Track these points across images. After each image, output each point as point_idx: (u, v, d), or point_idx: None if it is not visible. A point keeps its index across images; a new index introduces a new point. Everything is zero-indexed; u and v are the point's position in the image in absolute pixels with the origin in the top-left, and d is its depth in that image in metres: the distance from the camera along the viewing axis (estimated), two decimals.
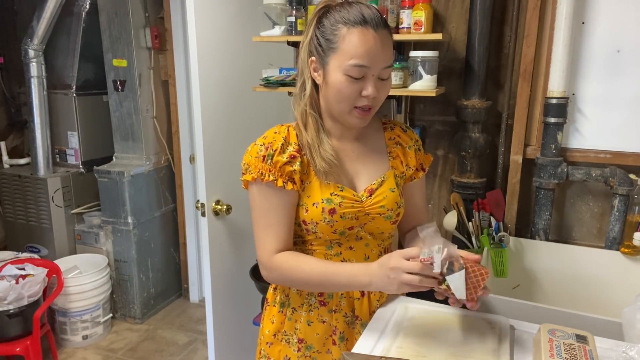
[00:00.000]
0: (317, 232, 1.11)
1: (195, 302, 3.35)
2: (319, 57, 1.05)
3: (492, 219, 1.84)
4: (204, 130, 1.85)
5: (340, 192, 1.09)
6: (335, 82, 1.03)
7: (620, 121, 1.76)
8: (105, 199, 2.95)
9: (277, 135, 1.10)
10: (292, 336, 1.19)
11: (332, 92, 1.05)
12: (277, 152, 1.07)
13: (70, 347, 2.79)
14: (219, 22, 1.89)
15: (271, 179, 1.05)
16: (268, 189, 1.07)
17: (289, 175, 1.07)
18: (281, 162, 1.06)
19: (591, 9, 1.73)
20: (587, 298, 1.71)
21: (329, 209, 1.07)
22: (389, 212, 1.13)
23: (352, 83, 1.02)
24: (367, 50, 1.00)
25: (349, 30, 1.00)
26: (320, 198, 1.08)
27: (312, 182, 1.10)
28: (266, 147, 1.07)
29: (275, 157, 1.06)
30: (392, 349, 0.99)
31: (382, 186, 1.13)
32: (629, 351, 0.91)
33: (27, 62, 2.85)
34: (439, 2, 1.95)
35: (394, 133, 1.21)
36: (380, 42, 1.01)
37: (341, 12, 1.02)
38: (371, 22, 1.00)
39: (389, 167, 1.17)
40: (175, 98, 3.05)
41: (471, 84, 1.87)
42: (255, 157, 1.08)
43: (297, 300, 1.18)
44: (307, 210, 1.09)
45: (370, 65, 1.01)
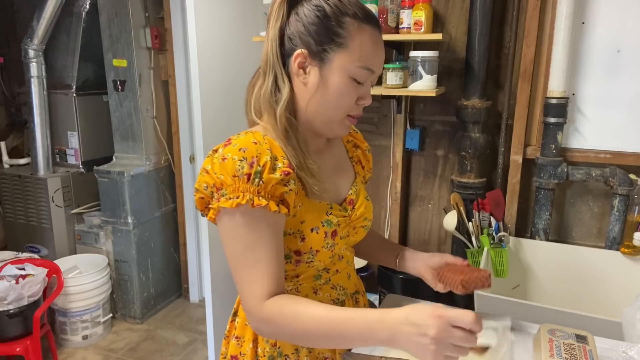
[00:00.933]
0: (314, 262, 0.92)
1: (195, 302, 3.35)
2: (313, 51, 0.85)
3: (492, 219, 1.84)
4: (204, 130, 1.85)
5: (331, 210, 0.93)
6: (338, 84, 0.85)
7: (620, 121, 1.76)
8: (105, 199, 2.95)
9: (259, 146, 0.84)
10: None
11: (330, 96, 0.86)
12: (267, 168, 0.82)
13: (70, 347, 2.79)
14: (219, 22, 1.89)
15: (263, 204, 0.81)
16: (257, 216, 0.82)
17: (280, 197, 0.84)
18: (274, 181, 0.82)
19: (591, 9, 1.73)
20: (587, 298, 1.71)
21: (331, 232, 0.91)
22: (368, 222, 1.02)
23: (355, 87, 0.86)
24: (377, 53, 0.87)
25: (359, 26, 0.84)
26: (319, 221, 0.90)
27: (304, 205, 0.89)
28: (250, 163, 0.81)
29: (265, 174, 0.82)
30: (392, 349, 0.99)
31: (359, 196, 1.01)
32: (629, 351, 0.91)
33: (27, 62, 2.85)
34: (439, 2, 1.95)
35: (350, 135, 1.09)
36: (382, 46, 0.90)
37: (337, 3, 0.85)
38: (376, 21, 0.88)
39: (355, 174, 1.05)
40: (175, 98, 3.04)
41: (471, 84, 1.87)
42: (234, 175, 0.81)
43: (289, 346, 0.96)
44: (303, 238, 0.89)
45: (375, 71, 0.88)
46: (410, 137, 2.10)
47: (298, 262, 0.91)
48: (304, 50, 0.85)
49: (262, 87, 0.89)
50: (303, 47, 0.85)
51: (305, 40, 0.85)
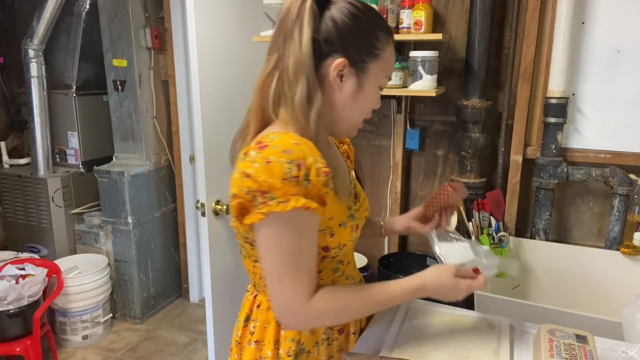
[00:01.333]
0: (339, 256, 0.95)
1: (195, 302, 3.35)
2: (354, 61, 0.87)
3: (492, 219, 1.84)
4: (204, 130, 1.85)
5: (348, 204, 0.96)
6: (371, 92, 0.91)
7: (620, 121, 1.76)
8: (105, 199, 2.95)
9: (301, 147, 0.81)
10: None
11: (361, 104, 0.91)
12: (312, 170, 0.80)
13: (70, 347, 2.79)
14: (219, 22, 1.89)
15: (314, 206, 0.80)
16: (305, 219, 0.82)
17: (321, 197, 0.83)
18: (321, 183, 0.81)
19: (591, 9, 1.73)
20: (587, 298, 1.71)
21: (355, 225, 0.95)
22: (368, 213, 1.07)
23: (378, 95, 0.94)
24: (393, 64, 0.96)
25: (387, 40, 0.90)
26: (345, 217, 0.93)
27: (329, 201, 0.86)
28: (297, 165, 0.78)
29: (313, 176, 0.80)
30: (392, 349, 0.99)
31: (356, 188, 1.04)
32: (629, 351, 0.91)
33: (27, 62, 2.85)
34: (439, 2, 1.95)
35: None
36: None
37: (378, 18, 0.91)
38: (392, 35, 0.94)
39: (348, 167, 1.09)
40: (175, 98, 3.04)
41: (471, 84, 1.87)
42: (283, 179, 0.78)
43: (310, 340, 0.99)
44: (332, 234, 0.91)
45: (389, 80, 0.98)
46: (410, 137, 2.10)
47: (324, 257, 0.93)
48: (345, 59, 0.86)
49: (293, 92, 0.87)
50: (344, 55, 0.86)
51: (346, 49, 0.86)
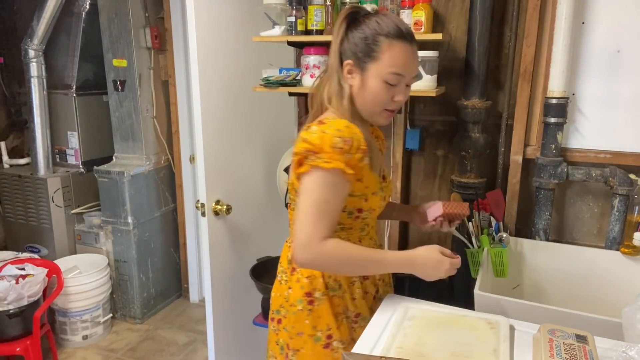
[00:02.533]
0: (367, 218, 1.24)
1: (195, 302, 3.35)
2: (357, 62, 1.16)
3: (492, 219, 1.84)
4: (204, 130, 1.85)
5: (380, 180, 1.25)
6: (373, 87, 1.15)
7: (620, 121, 1.76)
8: (105, 199, 2.95)
9: (351, 130, 1.13)
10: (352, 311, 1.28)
11: (368, 95, 1.17)
12: (354, 147, 1.12)
13: (70, 347, 2.79)
14: (219, 22, 1.89)
15: (349, 173, 1.11)
16: (339, 181, 1.11)
17: (358, 170, 1.14)
18: (357, 159, 1.13)
19: (591, 9, 1.73)
20: (587, 298, 1.70)
21: (383, 196, 1.24)
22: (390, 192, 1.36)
23: (388, 89, 1.15)
24: (405, 61, 1.14)
25: (390, 42, 1.13)
26: (377, 187, 1.21)
27: (366, 173, 1.18)
28: (345, 141, 1.10)
29: (354, 152, 1.12)
30: (392, 349, 0.99)
31: (384, 172, 1.32)
32: (629, 351, 0.91)
33: (27, 62, 2.85)
34: (439, 2, 1.95)
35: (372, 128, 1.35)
36: (413, 55, 1.17)
37: (379, 23, 1.14)
38: (408, 37, 1.15)
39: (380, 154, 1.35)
40: (175, 98, 3.04)
41: (471, 84, 1.87)
42: (332, 146, 1.09)
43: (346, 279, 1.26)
44: (366, 199, 1.19)
45: (405, 75, 1.15)
46: (410, 137, 2.10)
47: (357, 217, 1.22)
48: (351, 61, 1.17)
49: (331, 86, 1.20)
50: (351, 58, 1.17)
51: (352, 54, 1.16)
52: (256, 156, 2.17)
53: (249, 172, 2.14)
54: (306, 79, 1.83)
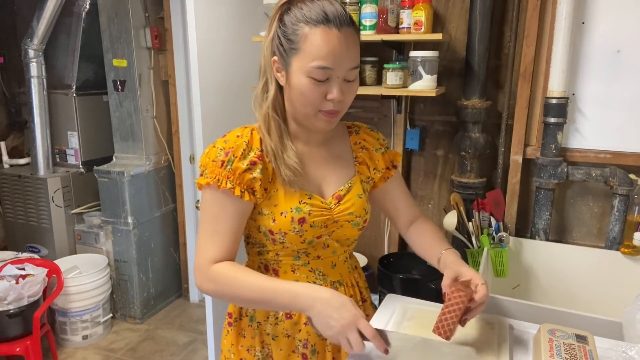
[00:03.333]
0: (285, 243, 1.04)
1: (195, 302, 3.35)
2: (281, 58, 0.98)
3: (492, 219, 1.84)
4: (204, 130, 1.85)
5: (308, 200, 1.03)
6: (298, 84, 0.96)
7: (620, 121, 1.76)
8: (105, 199, 2.95)
9: (240, 139, 1.01)
10: (259, 351, 1.14)
11: (295, 95, 0.98)
12: (238, 158, 0.99)
13: (70, 347, 2.79)
14: (219, 22, 1.89)
15: (228, 187, 0.98)
16: (223, 196, 0.99)
17: (248, 184, 1.00)
18: (241, 169, 0.99)
19: (591, 9, 1.73)
20: (587, 298, 1.71)
21: (298, 218, 1.01)
22: (357, 218, 1.08)
23: (315, 86, 0.95)
24: (331, 50, 0.93)
25: (310, 29, 0.93)
26: (289, 207, 1.02)
27: (279, 190, 1.03)
28: (226, 152, 0.99)
29: (235, 163, 0.98)
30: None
31: (349, 192, 1.08)
32: (629, 351, 0.91)
33: (27, 62, 2.85)
34: (439, 2, 1.95)
35: (360, 137, 1.17)
36: (345, 42, 0.95)
37: (302, 9, 0.95)
38: (334, 21, 0.94)
39: (355, 172, 1.13)
40: (175, 98, 3.04)
41: (471, 84, 1.87)
42: (213, 160, 0.99)
43: (262, 313, 1.12)
44: (274, 220, 1.02)
45: (334, 67, 0.94)
46: (410, 137, 2.10)
47: (274, 240, 1.05)
48: (276, 57, 0.99)
49: (257, 89, 1.05)
50: (276, 55, 0.99)
51: (276, 49, 0.99)
52: None
53: None
54: None
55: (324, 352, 1.12)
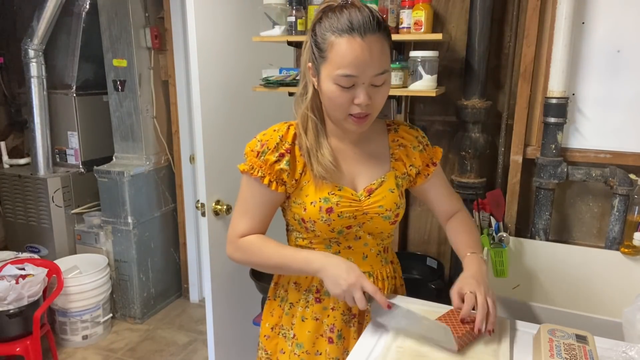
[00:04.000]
0: (316, 231, 1.13)
1: (195, 302, 3.35)
2: (314, 65, 1.06)
3: (492, 219, 1.84)
4: (204, 130, 1.85)
5: (338, 191, 1.11)
6: (326, 91, 1.04)
7: (620, 121, 1.76)
8: (105, 199, 2.95)
9: (275, 133, 1.13)
10: (288, 331, 1.23)
11: (325, 100, 1.07)
12: (270, 150, 1.10)
13: (70, 347, 2.79)
14: (219, 22, 1.89)
15: (259, 175, 1.10)
16: (254, 183, 1.12)
17: (278, 174, 1.10)
18: (271, 161, 1.10)
19: (591, 9, 1.73)
20: (587, 298, 1.70)
21: (326, 207, 1.09)
22: (387, 212, 1.14)
23: (342, 92, 1.02)
24: (354, 59, 0.98)
25: (336, 39, 1.00)
26: (318, 197, 1.10)
27: (310, 182, 1.12)
28: (262, 144, 1.11)
29: (267, 155, 1.10)
30: (392, 349, 0.99)
31: (381, 186, 1.14)
32: (629, 351, 0.91)
33: (27, 62, 2.85)
34: (439, 2, 1.95)
35: (398, 135, 1.22)
36: (369, 50, 0.98)
37: (331, 19, 1.01)
38: (358, 29, 0.98)
39: (390, 168, 1.18)
40: (175, 98, 3.05)
41: (471, 84, 1.87)
42: (252, 150, 1.12)
43: (294, 295, 1.21)
44: (305, 209, 1.11)
45: (358, 75, 0.99)
46: None
47: (306, 229, 1.14)
48: (310, 64, 1.08)
49: (298, 90, 1.15)
50: (310, 61, 1.08)
51: (311, 56, 1.07)
52: None
53: None
54: None
55: (349, 339, 1.19)
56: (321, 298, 1.19)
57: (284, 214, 1.21)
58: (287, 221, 1.22)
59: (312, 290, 1.19)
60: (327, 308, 1.19)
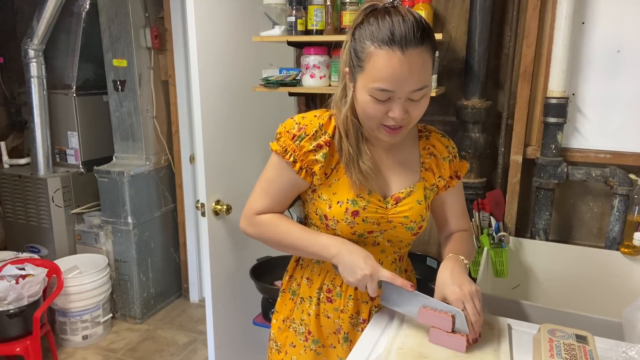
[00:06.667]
0: (337, 230, 1.10)
1: (195, 302, 3.35)
2: (351, 71, 1.02)
3: (492, 219, 1.84)
4: (204, 130, 1.85)
5: (367, 195, 1.08)
6: (361, 100, 1.00)
7: (620, 121, 1.76)
8: (105, 199, 2.95)
9: (316, 120, 1.09)
10: (299, 326, 1.22)
11: (359, 109, 1.03)
12: (308, 137, 1.06)
13: (70, 347, 2.79)
14: (219, 22, 1.89)
15: (291, 160, 1.07)
16: (284, 165, 1.09)
17: (310, 164, 1.07)
18: (307, 149, 1.06)
19: (591, 9, 1.73)
20: (587, 298, 1.71)
21: (352, 210, 1.07)
22: (412, 223, 1.11)
23: (377, 104, 0.98)
24: (391, 74, 0.94)
25: (375, 50, 0.94)
26: (346, 198, 1.07)
27: (341, 180, 1.09)
28: (300, 128, 1.07)
29: (304, 141, 1.06)
30: (393, 350, 0.99)
31: (409, 196, 1.11)
32: (629, 351, 0.91)
33: (27, 62, 2.85)
34: (439, 2, 1.95)
35: (429, 142, 1.17)
36: (408, 66, 0.93)
37: (373, 25, 0.95)
38: (400, 42, 0.92)
39: (420, 179, 1.15)
40: (175, 98, 3.04)
41: (471, 84, 1.87)
42: (287, 131, 1.08)
43: (305, 291, 1.21)
44: (330, 206, 1.09)
45: (394, 90, 0.95)
46: None
47: (327, 225, 1.11)
48: (347, 69, 1.04)
49: (337, 91, 1.10)
50: (348, 65, 1.03)
51: (348, 61, 1.02)
52: (256, 156, 2.17)
53: (249, 172, 2.14)
54: (306, 79, 1.83)
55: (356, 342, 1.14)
56: (332, 298, 1.18)
57: (305, 206, 1.18)
58: (307, 214, 1.18)
59: (324, 289, 1.18)
60: (337, 309, 1.18)
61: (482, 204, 1.85)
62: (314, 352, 1.21)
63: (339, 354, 1.20)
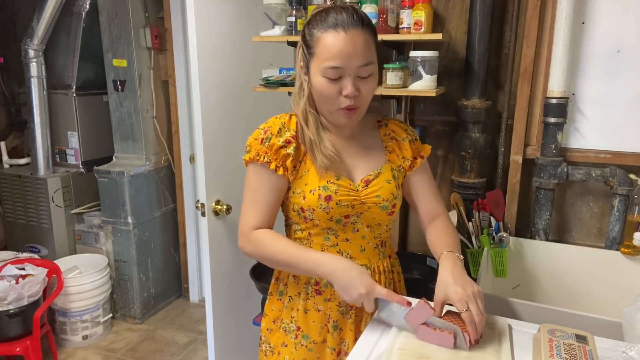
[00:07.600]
0: (314, 219, 1.15)
1: (195, 302, 3.35)
2: (304, 63, 1.13)
3: (492, 219, 1.84)
4: (204, 130, 1.85)
5: (336, 180, 1.14)
6: (316, 84, 1.09)
7: (620, 121, 1.76)
8: (105, 199, 2.95)
9: (277, 120, 1.17)
10: (289, 324, 1.24)
11: (316, 95, 1.12)
12: (275, 135, 1.14)
13: (70, 347, 2.79)
14: (219, 22, 1.89)
15: (265, 161, 1.13)
16: (261, 170, 1.14)
17: (283, 159, 1.14)
18: (277, 146, 1.13)
19: (591, 9, 1.73)
20: (587, 298, 1.71)
21: (325, 195, 1.12)
22: (384, 202, 1.17)
23: (330, 84, 1.07)
24: (338, 51, 1.04)
25: (322, 34, 1.06)
26: (317, 185, 1.13)
27: (310, 171, 1.15)
28: (265, 131, 1.15)
29: (272, 140, 1.14)
30: (394, 349, 0.99)
31: (378, 177, 1.18)
32: (629, 351, 0.91)
33: (27, 62, 2.85)
34: (439, 2, 1.95)
35: (389, 129, 1.26)
36: (352, 42, 1.04)
37: (317, 19, 1.08)
38: (342, 24, 1.05)
39: (386, 161, 1.22)
40: (175, 98, 3.05)
41: (471, 84, 1.87)
42: (255, 139, 1.16)
43: (294, 288, 1.23)
44: (304, 197, 1.14)
45: (343, 65, 1.05)
46: None
47: (305, 218, 1.16)
48: (302, 63, 1.14)
49: (295, 88, 1.20)
50: (302, 60, 1.14)
51: (301, 56, 1.14)
52: None
53: None
54: None
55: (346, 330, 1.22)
56: (321, 290, 1.21)
57: (283, 208, 1.23)
58: (286, 215, 1.23)
59: (311, 282, 1.21)
60: (327, 300, 1.21)
61: (482, 204, 1.85)
62: (305, 349, 1.23)
63: (330, 343, 1.22)
